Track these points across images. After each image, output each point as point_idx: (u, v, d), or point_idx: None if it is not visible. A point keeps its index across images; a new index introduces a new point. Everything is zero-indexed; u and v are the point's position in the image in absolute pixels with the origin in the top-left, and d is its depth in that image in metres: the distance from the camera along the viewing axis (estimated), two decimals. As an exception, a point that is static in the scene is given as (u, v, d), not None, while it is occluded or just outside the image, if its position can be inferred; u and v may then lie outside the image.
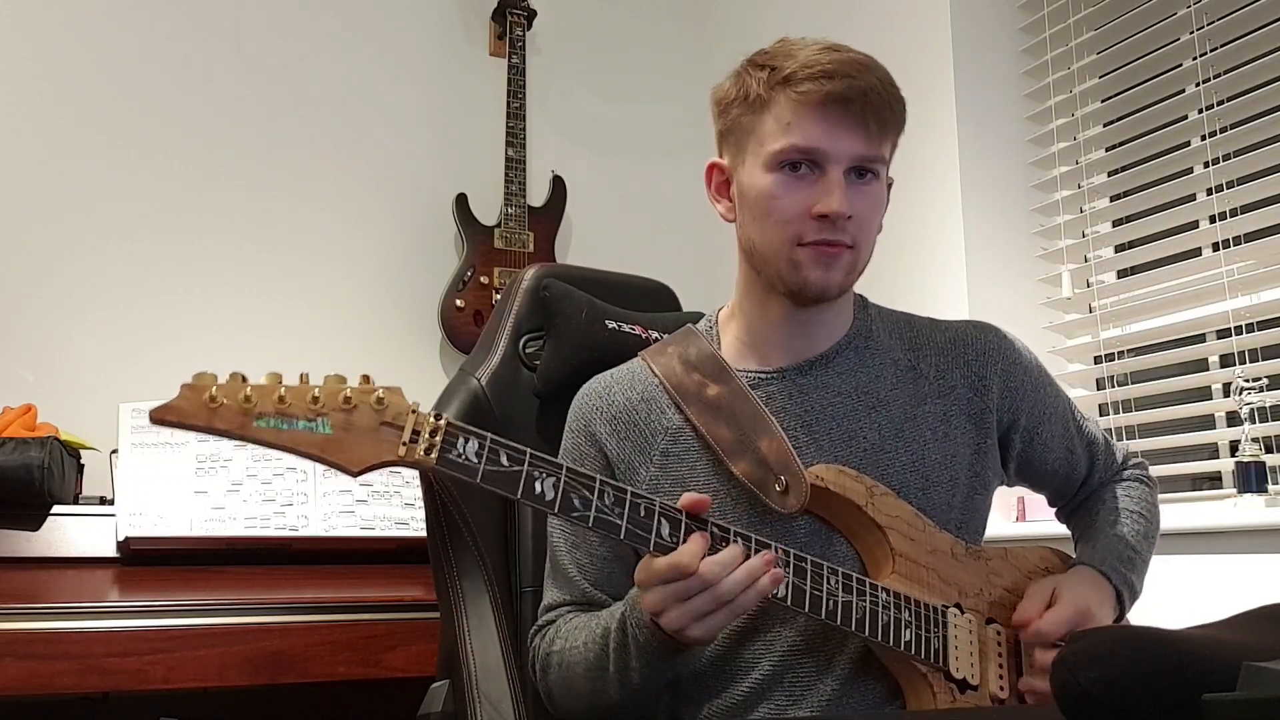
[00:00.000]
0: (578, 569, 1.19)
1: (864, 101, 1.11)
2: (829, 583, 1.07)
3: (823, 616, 1.06)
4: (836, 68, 1.11)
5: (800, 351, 1.20)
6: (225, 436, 0.93)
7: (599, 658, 1.09)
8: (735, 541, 1.02)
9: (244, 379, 0.93)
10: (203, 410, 0.91)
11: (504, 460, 0.99)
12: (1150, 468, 1.37)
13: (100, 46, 2.39)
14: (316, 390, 0.94)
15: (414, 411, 0.97)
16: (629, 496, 1.02)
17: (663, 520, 1.02)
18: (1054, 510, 1.38)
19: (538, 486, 0.99)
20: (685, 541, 1.01)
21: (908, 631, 1.09)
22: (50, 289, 2.28)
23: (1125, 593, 1.21)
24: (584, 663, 1.11)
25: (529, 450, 1.00)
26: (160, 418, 0.92)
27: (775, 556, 1.03)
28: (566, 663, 1.14)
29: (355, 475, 0.95)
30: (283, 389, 0.94)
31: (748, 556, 1.02)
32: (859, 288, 1.26)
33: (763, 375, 1.20)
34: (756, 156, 1.15)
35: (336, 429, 0.94)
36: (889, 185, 1.19)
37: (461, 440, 0.98)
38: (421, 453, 0.96)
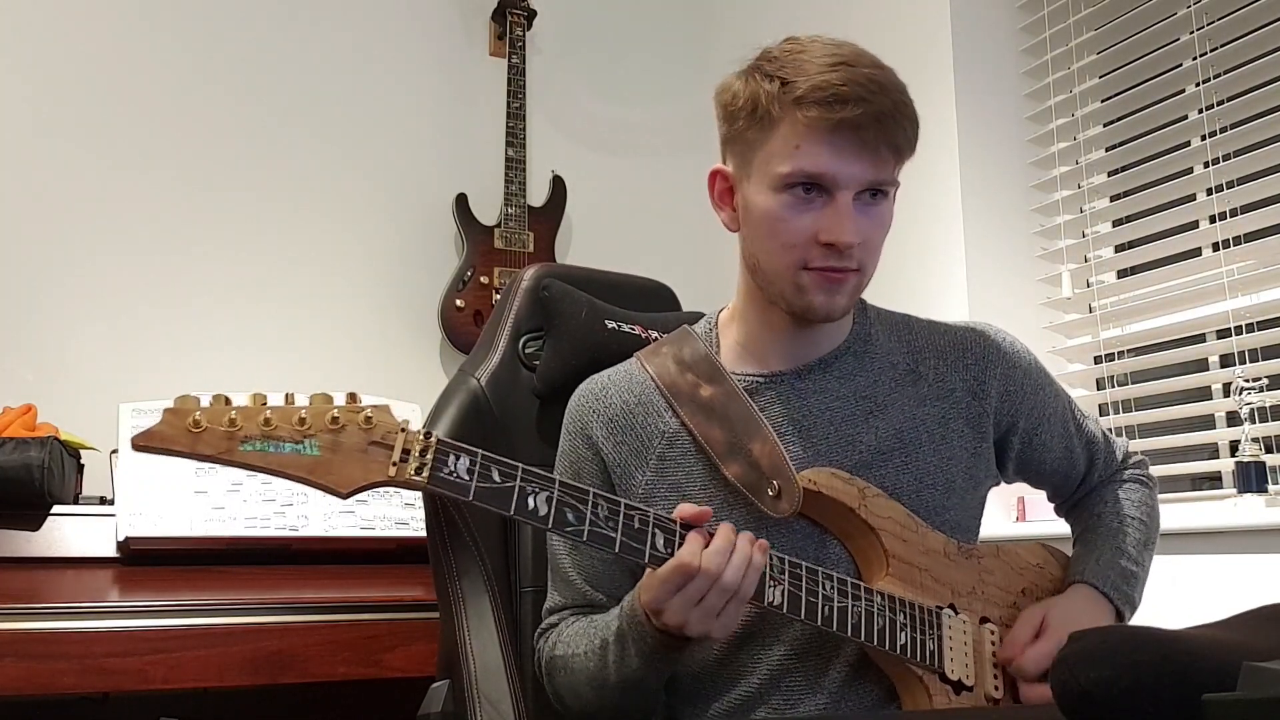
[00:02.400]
0: (577, 570, 1.19)
1: (877, 128, 1.07)
2: (824, 588, 1.07)
3: (818, 623, 1.06)
4: (850, 90, 1.05)
5: (799, 356, 1.20)
6: (211, 461, 0.91)
7: (600, 668, 1.10)
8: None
9: (228, 401, 0.92)
10: (186, 435, 0.90)
11: (496, 476, 0.98)
12: (1150, 467, 1.37)
13: (100, 48, 2.39)
14: (303, 411, 0.93)
15: (403, 430, 0.96)
16: (623, 509, 1.02)
17: (657, 532, 1.02)
18: (1054, 506, 1.37)
19: (531, 502, 0.98)
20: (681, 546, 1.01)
21: (903, 634, 1.10)
22: (51, 289, 2.28)
23: (1126, 611, 1.21)
24: (585, 671, 1.12)
25: (521, 465, 0.99)
26: (143, 444, 0.90)
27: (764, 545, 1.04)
28: (569, 668, 1.15)
29: (344, 497, 0.94)
30: (268, 410, 0.92)
31: (735, 535, 1.02)
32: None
33: (760, 379, 1.19)
34: (763, 175, 1.11)
35: (324, 450, 0.93)
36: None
37: (452, 458, 0.97)
38: (412, 472, 0.95)
